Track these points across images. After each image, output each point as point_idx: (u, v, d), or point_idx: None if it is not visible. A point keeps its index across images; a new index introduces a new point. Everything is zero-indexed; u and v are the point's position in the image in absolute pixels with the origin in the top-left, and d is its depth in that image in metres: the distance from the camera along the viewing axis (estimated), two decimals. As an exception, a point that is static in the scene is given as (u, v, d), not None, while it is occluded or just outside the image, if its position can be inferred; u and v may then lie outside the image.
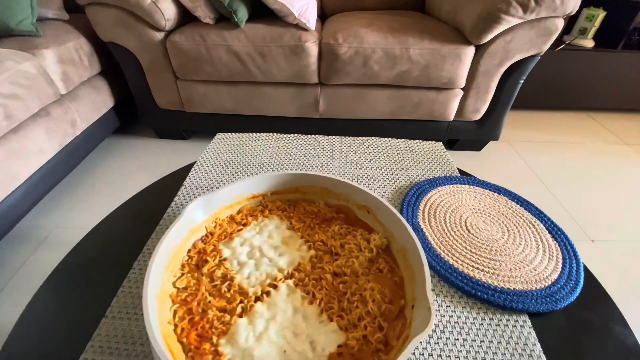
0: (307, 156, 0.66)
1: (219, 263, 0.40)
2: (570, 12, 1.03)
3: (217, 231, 0.43)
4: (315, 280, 0.38)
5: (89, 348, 0.35)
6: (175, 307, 0.35)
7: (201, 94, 1.27)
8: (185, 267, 0.39)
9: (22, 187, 0.95)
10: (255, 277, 0.38)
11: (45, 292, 0.41)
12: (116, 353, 0.34)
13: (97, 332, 0.36)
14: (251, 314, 0.34)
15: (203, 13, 1.14)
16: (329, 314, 0.35)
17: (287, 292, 0.37)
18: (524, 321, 0.39)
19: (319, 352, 0.31)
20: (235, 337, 0.32)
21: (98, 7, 1.09)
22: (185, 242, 0.40)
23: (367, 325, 0.34)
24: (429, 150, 0.68)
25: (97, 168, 1.34)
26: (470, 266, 0.44)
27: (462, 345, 0.36)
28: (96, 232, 0.49)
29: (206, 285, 0.37)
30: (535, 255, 0.46)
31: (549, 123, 1.74)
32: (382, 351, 0.32)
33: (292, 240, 0.43)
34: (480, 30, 1.06)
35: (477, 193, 0.57)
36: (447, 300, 0.41)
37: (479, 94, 1.23)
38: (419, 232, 0.49)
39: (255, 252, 0.41)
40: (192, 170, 0.61)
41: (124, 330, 0.36)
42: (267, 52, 1.13)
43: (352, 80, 1.19)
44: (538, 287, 0.42)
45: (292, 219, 0.46)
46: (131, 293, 0.40)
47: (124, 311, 0.38)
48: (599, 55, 1.58)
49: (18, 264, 0.95)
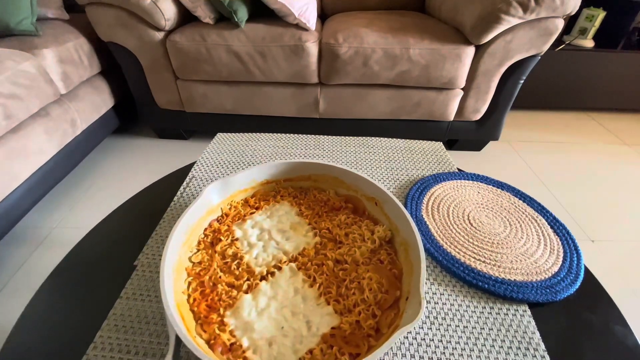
0: (307, 156, 0.66)
1: (231, 242, 0.43)
2: (570, 12, 1.03)
3: (232, 213, 0.46)
4: (317, 266, 0.40)
5: (105, 326, 0.37)
6: (189, 279, 0.38)
7: (201, 93, 1.27)
8: (201, 243, 0.42)
9: (22, 187, 0.95)
10: (262, 258, 0.41)
11: (45, 292, 0.41)
12: (131, 331, 0.37)
13: (112, 312, 0.38)
14: (256, 291, 0.37)
15: (203, 13, 1.14)
16: (327, 298, 0.37)
17: (290, 274, 0.39)
18: (523, 310, 0.39)
19: (313, 332, 0.34)
20: (240, 310, 0.35)
21: (98, 7, 1.09)
22: (202, 220, 0.43)
23: (361, 311, 0.35)
24: (429, 150, 0.68)
25: (97, 168, 1.34)
26: (472, 258, 0.45)
27: (462, 332, 0.37)
28: (96, 232, 0.49)
29: (218, 262, 0.40)
30: (537, 249, 0.47)
31: (549, 123, 1.74)
32: (372, 337, 0.33)
33: (299, 226, 0.45)
34: (480, 30, 1.06)
35: (480, 188, 0.57)
36: (449, 289, 0.42)
37: (479, 94, 1.23)
38: (422, 225, 0.50)
39: (264, 235, 0.44)
40: (192, 170, 0.61)
41: (138, 311, 0.38)
42: (267, 52, 1.13)
43: (352, 80, 1.19)
44: (538, 279, 0.42)
45: (302, 206, 0.48)
46: (145, 276, 0.42)
47: (137, 292, 0.40)
48: (599, 55, 1.58)
49: (18, 264, 0.95)
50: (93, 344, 0.35)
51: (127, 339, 0.36)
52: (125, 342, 0.35)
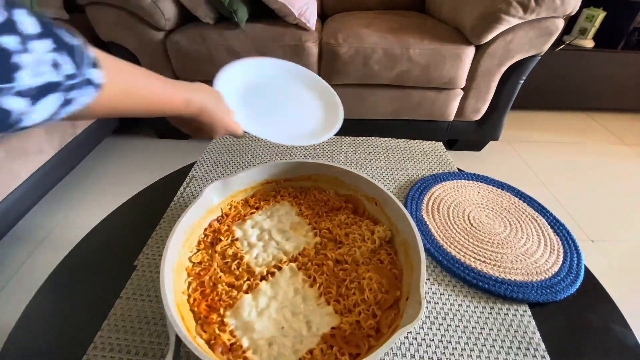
0: (307, 156, 0.66)
1: (231, 242, 0.43)
2: (570, 12, 1.03)
3: (232, 213, 0.46)
4: (317, 266, 0.40)
5: (105, 326, 0.37)
6: (189, 279, 0.38)
7: (201, 93, 1.27)
8: (201, 244, 0.42)
9: (22, 187, 0.95)
10: (262, 258, 0.41)
11: (45, 292, 0.41)
12: (131, 331, 0.36)
13: (112, 312, 0.38)
14: (256, 292, 0.37)
15: (203, 13, 1.14)
16: (327, 298, 0.37)
17: (290, 274, 0.39)
18: (524, 310, 0.40)
19: (313, 332, 0.34)
20: (240, 310, 0.35)
21: (98, 7, 1.09)
22: (203, 220, 0.43)
23: (361, 311, 0.35)
24: (429, 150, 0.68)
25: (97, 168, 1.34)
26: (472, 258, 0.45)
27: (462, 332, 0.37)
28: (96, 232, 0.49)
29: (218, 262, 0.40)
30: (537, 249, 0.47)
31: (549, 123, 1.74)
32: (372, 337, 0.33)
33: (299, 226, 0.45)
34: (480, 31, 1.06)
35: (480, 188, 0.57)
36: (449, 289, 0.42)
37: (479, 94, 1.23)
38: (423, 225, 0.49)
39: (264, 235, 0.44)
40: (192, 170, 0.61)
41: (138, 311, 0.38)
42: (267, 52, 1.13)
43: (353, 80, 1.19)
44: (539, 279, 0.42)
45: (302, 206, 0.48)
46: (145, 276, 0.42)
47: (137, 292, 0.40)
48: (599, 55, 1.58)
49: (18, 264, 0.95)
50: (93, 344, 0.35)
51: (127, 339, 0.36)
52: (125, 342, 0.35)
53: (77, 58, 0.23)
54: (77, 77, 0.23)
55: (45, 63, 0.21)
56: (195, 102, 0.37)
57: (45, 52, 0.21)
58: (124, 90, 0.30)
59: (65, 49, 0.22)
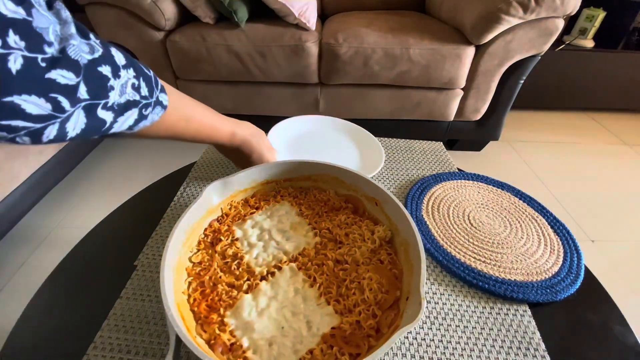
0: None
1: (231, 242, 0.43)
2: (571, 12, 1.03)
3: (232, 213, 0.46)
4: (317, 266, 0.40)
5: (105, 326, 0.37)
6: (189, 279, 0.38)
7: (201, 94, 1.27)
8: (201, 243, 0.42)
9: (22, 187, 0.95)
10: (262, 258, 0.41)
11: (45, 292, 0.41)
12: (131, 331, 0.36)
13: (112, 312, 0.38)
14: (256, 292, 0.37)
15: (203, 12, 1.14)
16: (327, 298, 0.37)
17: (290, 274, 0.39)
18: (524, 310, 0.39)
19: (313, 332, 0.34)
20: (240, 310, 0.35)
21: (98, 7, 1.09)
22: (203, 220, 0.43)
23: (361, 311, 0.35)
24: (429, 150, 0.68)
25: (97, 168, 1.34)
26: (472, 257, 0.45)
27: (462, 332, 0.37)
28: (96, 232, 0.49)
29: (218, 262, 0.40)
30: (537, 249, 0.47)
31: (549, 123, 1.74)
32: (372, 337, 0.33)
33: (300, 226, 0.45)
34: (480, 30, 1.06)
35: (480, 188, 0.57)
36: (449, 289, 0.42)
37: (479, 94, 1.23)
38: (423, 225, 0.50)
39: (264, 235, 0.44)
40: (192, 170, 0.61)
41: (138, 311, 0.39)
42: (267, 52, 1.13)
43: (352, 80, 1.19)
44: (539, 279, 0.42)
45: (302, 206, 0.48)
46: (145, 276, 0.42)
47: (137, 292, 0.40)
48: (599, 55, 1.58)
49: (18, 264, 0.95)
50: (93, 344, 0.35)
51: (127, 339, 0.36)
52: (125, 342, 0.35)
53: (151, 84, 0.30)
54: (151, 98, 0.30)
55: (129, 86, 0.27)
56: (239, 135, 0.46)
57: (129, 78, 0.27)
58: (184, 116, 0.37)
59: (142, 76, 0.29)
